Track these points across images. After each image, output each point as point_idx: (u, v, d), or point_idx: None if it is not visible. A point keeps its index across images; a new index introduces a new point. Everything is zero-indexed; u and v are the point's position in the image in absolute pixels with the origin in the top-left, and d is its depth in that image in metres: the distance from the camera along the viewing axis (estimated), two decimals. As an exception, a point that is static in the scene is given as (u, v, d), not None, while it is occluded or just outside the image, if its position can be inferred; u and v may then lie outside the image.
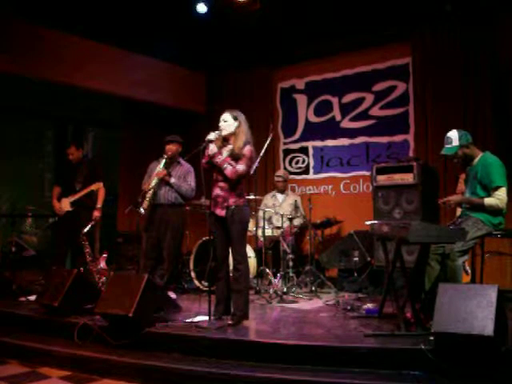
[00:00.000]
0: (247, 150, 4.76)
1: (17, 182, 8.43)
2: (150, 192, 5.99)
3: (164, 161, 6.09)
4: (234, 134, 4.80)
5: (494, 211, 4.54)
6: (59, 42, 7.06)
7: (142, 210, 5.94)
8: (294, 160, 8.67)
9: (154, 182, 6.01)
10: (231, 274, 4.95)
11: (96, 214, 6.54)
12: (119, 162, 9.50)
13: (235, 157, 4.74)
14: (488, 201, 4.54)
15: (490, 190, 4.57)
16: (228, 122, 4.79)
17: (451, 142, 4.76)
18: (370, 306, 5.30)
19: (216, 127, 4.84)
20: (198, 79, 9.26)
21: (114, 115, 9.68)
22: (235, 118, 4.81)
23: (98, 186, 6.52)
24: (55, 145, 9.63)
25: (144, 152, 8.50)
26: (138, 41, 7.78)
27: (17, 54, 6.61)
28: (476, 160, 4.76)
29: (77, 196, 6.51)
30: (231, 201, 4.75)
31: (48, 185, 9.53)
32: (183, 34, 7.98)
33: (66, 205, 6.53)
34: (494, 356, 3.51)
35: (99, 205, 6.58)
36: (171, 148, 6.18)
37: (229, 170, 4.68)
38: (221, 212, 4.78)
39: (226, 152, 4.80)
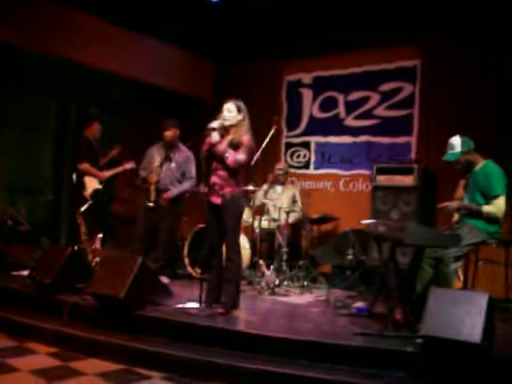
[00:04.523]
0: (246, 138, 4.78)
1: (15, 156, 8.36)
2: (153, 187, 6.03)
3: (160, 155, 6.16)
4: (235, 125, 4.80)
5: (491, 219, 4.55)
6: (67, 18, 6.92)
7: (150, 204, 5.97)
8: (296, 154, 8.64)
9: (157, 172, 6.06)
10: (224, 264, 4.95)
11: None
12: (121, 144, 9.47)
13: (234, 146, 4.74)
14: (486, 208, 4.55)
15: (489, 199, 4.58)
16: (233, 114, 4.80)
17: (453, 149, 4.76)
18: (360, 304, 5.30)
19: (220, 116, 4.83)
20: (205, 67, 9.20)
21: (117, 97, 9.64)
22: (239, 110, 4.82)
23: (132, 166, 6.72)
24: (57, 121, 9.55)
25: (146, 136, 8.42)
26: (147, 23, 7.70)
27: (22, 26, 6.47)
28: (477, 167, 4.76)
29: (111, 173, 6.66)
30: (227, 190, 4.75)
31: (46, 161, 9.45)
32: (194, 21, 7.92)
33: (93, 183, 6.49)
34: (479, 363, 3.52)
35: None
36: (168, 134, 6.21)
37: (230, 158, 4.68)
38: (216, 200, 4.78)
39: (226, 141, 4.79)
